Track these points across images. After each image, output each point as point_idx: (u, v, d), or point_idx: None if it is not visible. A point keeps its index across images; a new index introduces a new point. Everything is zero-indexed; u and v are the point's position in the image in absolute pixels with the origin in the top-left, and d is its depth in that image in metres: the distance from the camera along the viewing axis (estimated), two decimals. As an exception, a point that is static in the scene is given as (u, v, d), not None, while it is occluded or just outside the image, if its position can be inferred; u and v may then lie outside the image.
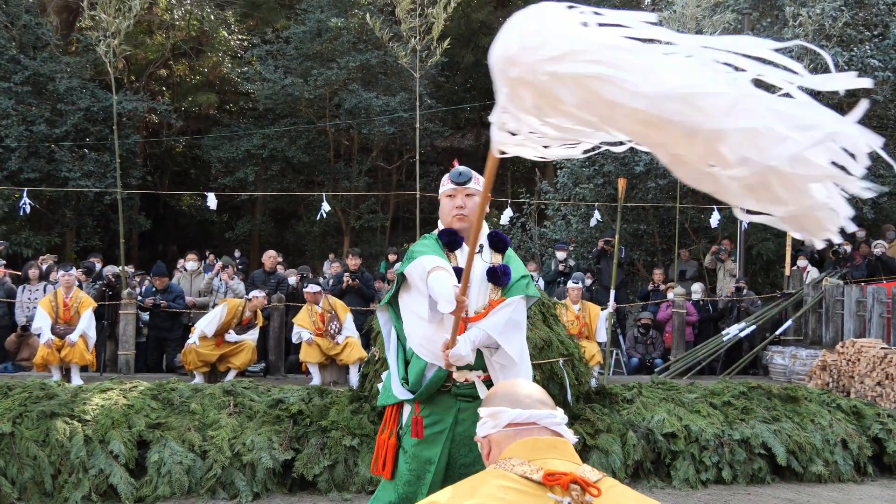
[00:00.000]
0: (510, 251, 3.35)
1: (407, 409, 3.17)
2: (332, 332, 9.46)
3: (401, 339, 3.25)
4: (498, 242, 3.31)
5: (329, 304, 9.64)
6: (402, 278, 3.14)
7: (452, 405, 3.10)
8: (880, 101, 14.09)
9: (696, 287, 12.77)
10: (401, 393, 3.14)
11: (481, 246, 3.26)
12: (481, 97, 25.62)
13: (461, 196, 3.23)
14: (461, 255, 3.22)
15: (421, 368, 3.11)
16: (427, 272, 2.86)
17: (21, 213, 13.08)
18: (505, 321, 3.04)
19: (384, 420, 3.26)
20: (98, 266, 11.68)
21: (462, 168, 3.29)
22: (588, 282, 11.62)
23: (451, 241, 3.22)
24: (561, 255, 12.47)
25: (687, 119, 1.51)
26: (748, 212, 1.67)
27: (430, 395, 3.11)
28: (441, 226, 3.31)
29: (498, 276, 3.16)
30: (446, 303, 2.70)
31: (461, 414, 3.08)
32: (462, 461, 3.07)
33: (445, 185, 3.27)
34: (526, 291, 3.17)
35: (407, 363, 3.20)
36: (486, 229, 3.29)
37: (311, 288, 9.67)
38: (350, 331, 9.62)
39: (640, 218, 17.03)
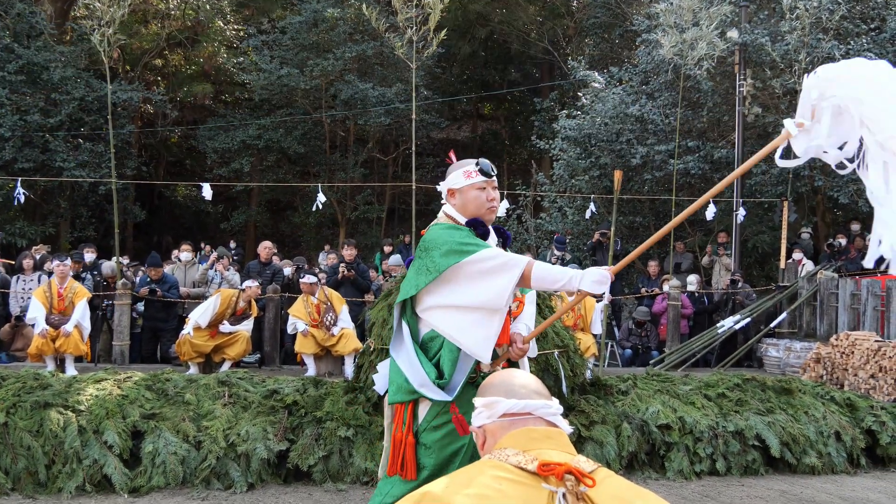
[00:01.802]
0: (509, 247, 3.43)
1: (424, 406, 3.10)
2: (327, 323, 9.45)
3: (415, 338, 3.18)
4: (503, 237, 3.38)
5: (325, 295, 9.63)
6: (441, 272, 3.05)
7: (475, 395, 3.08)
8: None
9: (692, 278, 12.78)
10: (437, 394, 3.03)
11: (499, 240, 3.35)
12: (478, 88, 25.61)
13: (490, 188, 3.23)
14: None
15: (453, 362, 3.05)
16: (523, 262, 2.97)
17: (15, 203, 13.02)
18: (532, 315, 3.33)
19: (397, 418, 3.16)
20: (90, 256, 11.62)
21: (485, 161, 3.28)
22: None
23: (483, 232, 3.21)
24: (558, 252, 12.48)
25: None
26: None
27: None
28: (456, 216, 3.26)
29: None
30: (600, 284, 2.91)
31: None
32: None
33: (474, 177, 3.22)
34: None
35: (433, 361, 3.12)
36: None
37: (308, 279, 9.66)
38: (345, 322, 9.61)
39: (636, 210, 17.04)
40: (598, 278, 2.89)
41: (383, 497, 3.12)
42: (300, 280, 9.88)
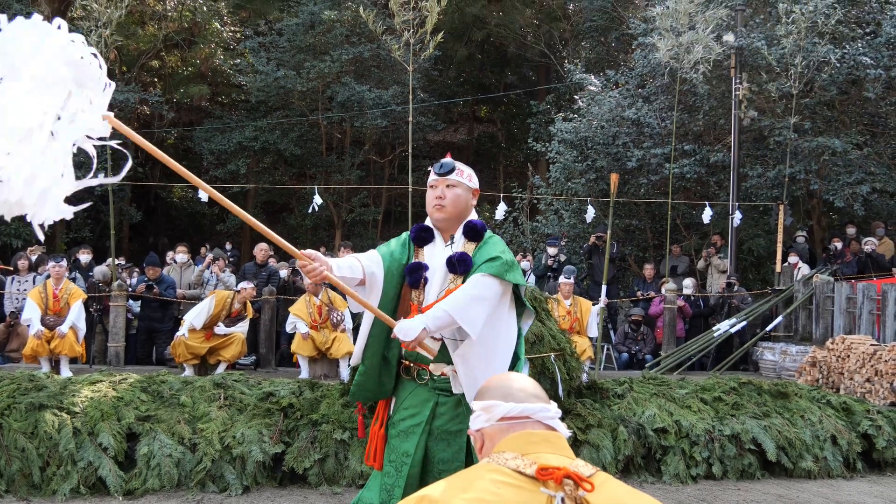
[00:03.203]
0: (493, 239, 3.21)
1: (393, 402, 3.24)
2: (334, 320, 9.46)
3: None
4: (471, 231, 3.20)
5: (328, 297, 9.63)
6: None
7: (430, 398, 3.09)
8: (872, 98, 14.12)
9: (688, 282, 12.80)
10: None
11: (452, 237, 3.23)
12: (474, 91, 25.62)
13: (442, 186, 3.20)
14: (430, 250, 3.22)
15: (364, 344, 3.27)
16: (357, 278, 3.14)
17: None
18: (464, 297, 2.92)
19: (377, 411, 3.28)
20: (85, 258, 11.58)
21: (445, 160, 3.27)
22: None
23: (418, 237, 3.24)
24: (552, 250, 12.47)
25: None
26: None
27: (410, 388, 3.15)
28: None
29: (453, 265, 3.11)
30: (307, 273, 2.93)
31: (439, 408, 3.08)
32: (440, 456, 3.05)
33: (430, 176, 3.28)
34: (489, 270, 3.00)
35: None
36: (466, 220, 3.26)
37: None
38: (346, 323, 9.63)
39: (632, 213, 17.05)
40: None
41: (364, 490, 3.25)
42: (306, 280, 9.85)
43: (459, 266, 3.08)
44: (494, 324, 3.01)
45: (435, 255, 3.18)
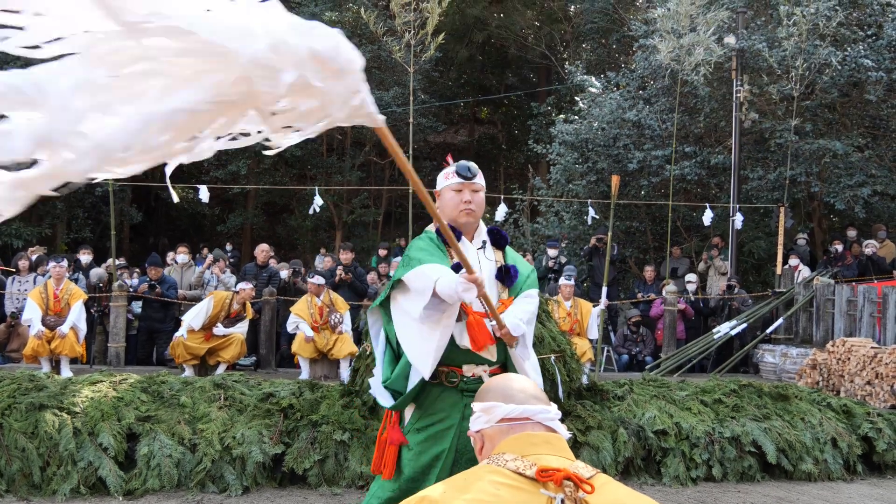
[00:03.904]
0: (508, 248, 3.35)
1: (409, 409, 3.15)
2: (333, 322, 9.46)
3: (390, 341, 3.23)
4: (499, 239, 3.33)
5: (329, 298, 9.64)
6: (398, 283, 3.11)
7: (459, 401, 3.08)
8: (873, 101, 14.12)
9: (691, 277, 12.82)
10: (384, 399, 3.15)
11: (484, 243, 3.27)
12: (475, 92, 25.61)
13: (468, 191, 3.20)
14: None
15: (404, 369, 3.10)
16: (430, 288, 2.89)
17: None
18: (531, 312, 3.21)
19: (384, 420, 3.22)
20: (86, 258, 11.59)
21: (469, 163, 3.27)
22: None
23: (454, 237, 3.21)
24: (552, 252, 12.47)
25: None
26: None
27: (436, 393, 3.10)
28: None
29: (507, 276, 3.21)
30: (465, 291, 2.78)
31: (468, 410, 3.04)
32: (468, 456, 3.03)
33: (451, 178, 3.23)
34: (535, 286, 3.30)
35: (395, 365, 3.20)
36: (483, 226, 3.29)
37: (317, 279, 9.67)
38: (345, 325, 9.63)
39: (633, 215, 17.05)
40: (461, 286, 2.80)
41: (369, 498, 3.17)
42: (308, 280, 9.86)
43: (512, 279, 3.24)
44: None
45: (469, 256, 3.14)
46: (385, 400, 3.15)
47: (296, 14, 1.68)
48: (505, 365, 3.20)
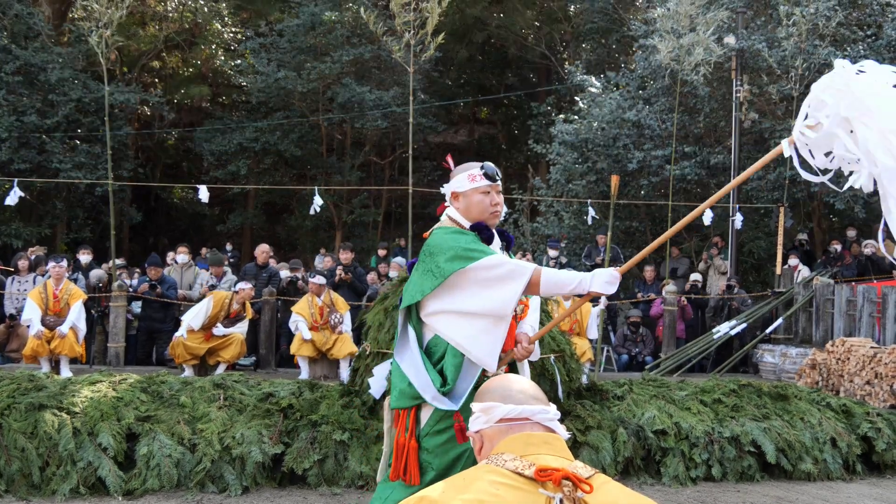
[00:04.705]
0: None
1: (426, 411, 3.05)
2: (333, 322, 9.47)
3: (420, 343, 3.12)
4: (508, 241, 3.38)
5: (330, 298, 9.64)
6: (446, 277, 2.99)
7: None
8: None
9: (694, 275, 12.83)
10: (442, 403, 3.00)
11: (503, 243, 3.34)
12: (475, 92, 25.62)
13: (494, 193, 3.22)
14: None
15: (457, 368, 3.01)
16: (529, 270, 2.95)
17: (8, 203, 12.87)
18: (537, 318, 3.39)
19: (400, 423, 3.11)
20: (85, 258, 11.58)
21: (493, 165, 3.26)
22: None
23: (487, 237, 3.20)
24: (553, 252, 12.47)
25: None
26: None
27: None
28: (460, 220, 3.23)
29: None
30: (612, 284, 2.98)
31: None
32: None
33: (479, 181, 3.20)
34: None
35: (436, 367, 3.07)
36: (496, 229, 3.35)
37: (318, 279, 9.68)
38: (345, 326, 9.63)
39: (633, 215, 17.05)
40: (608, 279, 2.94)
41: (383, 502, 3.09)
42: (310, 280, 9.87)
43: None
44: None
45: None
46: (445, 404, 2.99)
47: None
48: (513, 364, 3.25)
